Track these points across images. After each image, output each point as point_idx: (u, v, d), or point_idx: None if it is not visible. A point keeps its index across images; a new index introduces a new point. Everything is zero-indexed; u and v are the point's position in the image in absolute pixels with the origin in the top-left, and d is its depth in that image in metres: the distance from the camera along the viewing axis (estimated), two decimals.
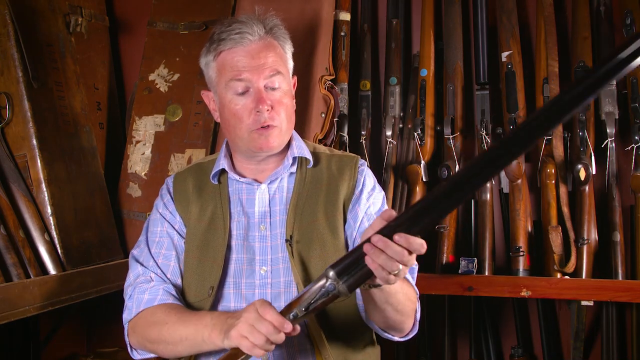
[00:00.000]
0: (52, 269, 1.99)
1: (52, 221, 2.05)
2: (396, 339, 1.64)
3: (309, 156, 1.73)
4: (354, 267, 1.31)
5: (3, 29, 2.03)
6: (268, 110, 1.64)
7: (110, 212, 2.35)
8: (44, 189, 2.05)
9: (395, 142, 2.38)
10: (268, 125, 1.64)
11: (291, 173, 1.74)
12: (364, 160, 1.77)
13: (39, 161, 2.05)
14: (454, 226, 2.31)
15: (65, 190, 2.13)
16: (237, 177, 1.72)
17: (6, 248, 1.87)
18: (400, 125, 2.42)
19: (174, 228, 1.75)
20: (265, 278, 1.65)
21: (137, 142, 2.51)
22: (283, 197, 1.71)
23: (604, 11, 2.31)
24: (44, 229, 2.03)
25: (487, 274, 2.23)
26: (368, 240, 1.29)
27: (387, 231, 1.28)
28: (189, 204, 1.75)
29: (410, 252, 1.28)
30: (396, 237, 1.27)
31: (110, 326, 2.70)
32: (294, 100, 1.74)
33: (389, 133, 2.39)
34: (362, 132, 2.39)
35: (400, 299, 1.49)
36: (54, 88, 2.17)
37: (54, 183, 2.08)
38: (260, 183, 1.72)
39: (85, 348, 2.66)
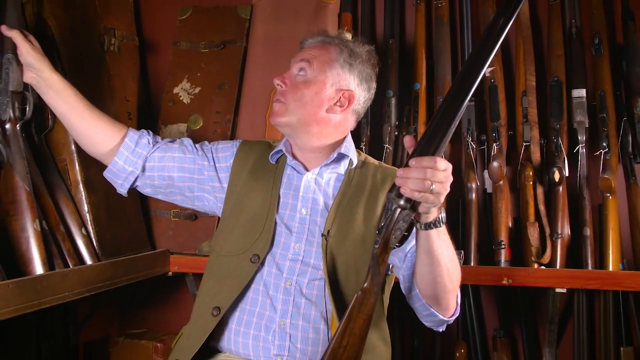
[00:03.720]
0: (88, 260, 2.00)
1: (88, 218, 2.06)
2: (440, 317, 1.57)
3: (354, 158, 1.73)
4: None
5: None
6: (280, 85, 1.70)
7: (139, 210, 2.37)
8: (82, 189, 2.06)
9: (391, 148, 2.37)
10: (278, 100, 1.70)
11: (339, 174, 1.73)
12: None
13: (77, 165, 2.06)
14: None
15: (100, 191, 2.13)
16: (291, 159, 1.72)
17: (48, 241, 1.87)
18: (396, 133, 2.41)
19: (214, 160, 1.80)
20: (297, 254, 1.64)
21: None
22: (328, 192, 1.71)
23: (575, 32, 2.32)
24: (82, 224, 2.03)
25: (472, 264, 2.24)
26: None
27: (407, 162, 1.33)
28: (244, 170, 1.77)
29: (431, 169, 1.29)
30: (410, 161, 1.30)
31: (140, 310, 2.75)
32: (328, 101, 1.69)
33: (385, 140, 2.39)
34: (362, 139, 2.38)
35: (452, 256, 1.47)
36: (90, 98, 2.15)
37: (90, 184, 2.09)
38: (307, 170, 1.72)
39: (118, 330, 2.67)
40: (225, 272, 1.67)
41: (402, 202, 1.33)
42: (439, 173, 1.29)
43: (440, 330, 1.65)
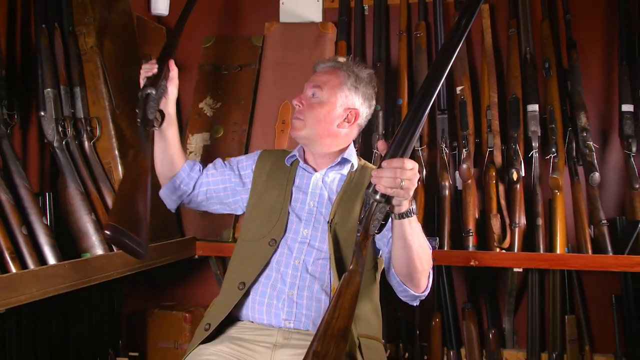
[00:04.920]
0: None
1: None
2: (411, 292, 1.61)
3: (355, 162, 1.84)
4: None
5: (95, 72, 2.11)
6: (298, 105, 1.81)
7: None
8: None
9: (379, 153, 2.16)
10: (297, 117, 1.81)
11: (342, 175, 1.83)
12: None
13: (119, 167, 2.12)
14: (422, 214, 2.36)
15: None
16: (302, 162, 1.85)
17: (96, 230, 1.96)
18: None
19: (238, 169, 1.95)
20: (305, 238, 1.74)
21: (190, 152, 2.58)
22: (333, 189, 1.81)
23: (529, 57, 2.38)
24: None
25: (446, 249, 2.30)
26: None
27: (380, 164, 1.38)
28: (263, 172, 1.90)
29: (400, 169, 1.33)
30: (382, 163, 1.36)
31: (172, 287, 2.81)
32: (338, 118, 1.80)
33: (374, 146, 2.44)
34: (355, 146, 2.08)
35: (423, 242, 1.52)
36: (130, 114, 2.18)
37: None
38: (316, 171, 1.83)
39: (154, 303, 2.72)
40: (248, 254, 1.78)
41: (377, 197, 1.39)
42: (407, 172, 1.35)
43: (415, 304, 1.71)
